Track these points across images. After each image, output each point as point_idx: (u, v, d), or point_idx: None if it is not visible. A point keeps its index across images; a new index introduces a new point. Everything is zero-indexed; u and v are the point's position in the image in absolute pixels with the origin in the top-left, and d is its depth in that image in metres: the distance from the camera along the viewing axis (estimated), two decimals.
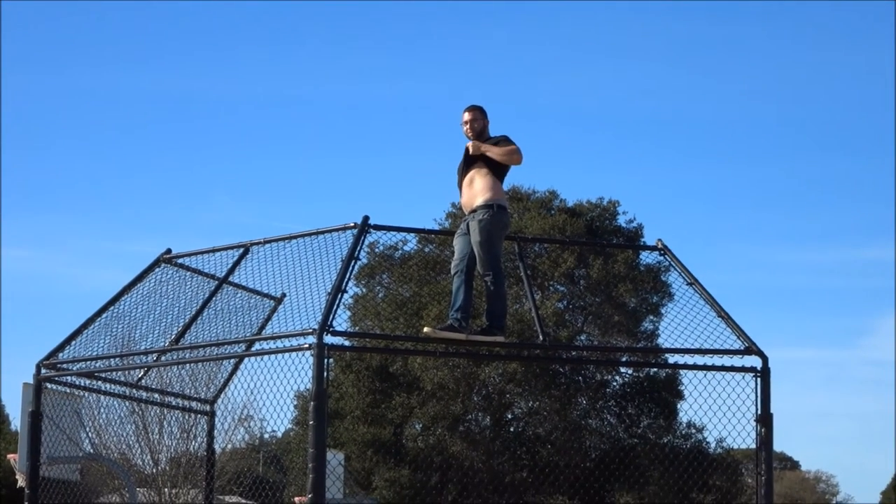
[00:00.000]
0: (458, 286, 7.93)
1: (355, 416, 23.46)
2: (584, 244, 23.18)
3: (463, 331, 7.82)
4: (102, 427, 14.90)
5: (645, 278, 23.72)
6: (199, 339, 8.94)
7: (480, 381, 23.65)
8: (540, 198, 26.00)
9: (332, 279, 7.95)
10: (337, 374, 23.33)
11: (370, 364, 23.37)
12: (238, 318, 9.47)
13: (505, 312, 8.04)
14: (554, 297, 24.12)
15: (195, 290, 9.42)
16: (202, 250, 9.37)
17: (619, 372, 24.26)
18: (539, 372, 23.05)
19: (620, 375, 24.54)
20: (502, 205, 8.02)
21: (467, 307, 7.90)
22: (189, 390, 12.31)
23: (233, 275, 9.09)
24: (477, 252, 7.85)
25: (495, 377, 23.58)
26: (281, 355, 7.81)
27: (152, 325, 9.29)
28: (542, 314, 20.55)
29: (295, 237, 8.68)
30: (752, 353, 8.23)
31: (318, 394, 7.37)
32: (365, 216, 8.32)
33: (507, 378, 23.41)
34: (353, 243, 8.12)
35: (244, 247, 9.04)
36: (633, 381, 24.49)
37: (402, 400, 23.27)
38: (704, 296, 8.69)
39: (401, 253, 19.48)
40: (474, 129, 8.16)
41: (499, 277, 7.89)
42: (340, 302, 7.74)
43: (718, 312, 8.53)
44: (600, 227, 25.48)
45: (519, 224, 23.57)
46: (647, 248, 9.83)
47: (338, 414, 23.21)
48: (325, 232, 8.49)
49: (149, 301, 9.40)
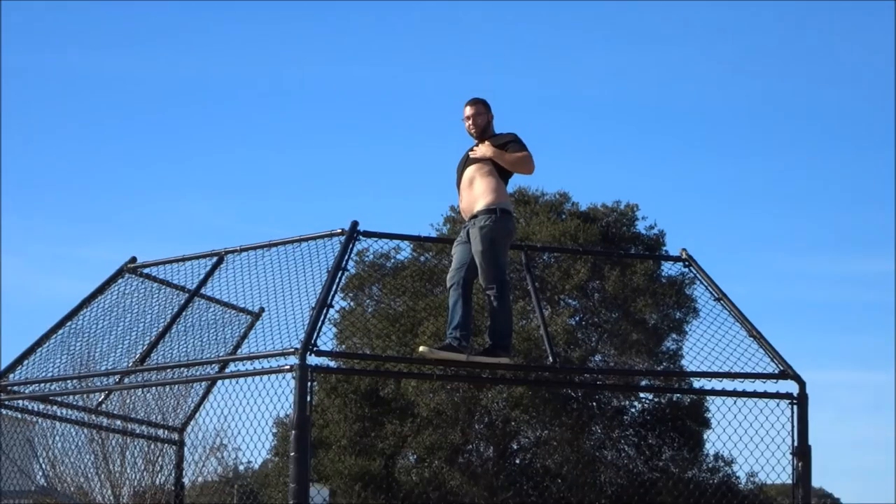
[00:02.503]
0: (455, 301, 7.93)
1: (342, 445, 23.44)
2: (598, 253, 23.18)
3: (463, 351, 7.83)
4: (58, 457, 14.85)
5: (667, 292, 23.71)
6: (167, 358, 8.95)
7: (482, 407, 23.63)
8: (549, 201, 26.02)
9: (316, 292, 7.96)
10: (321, 398, 23.32)
11: (359, 387, 23.36)
12: (211, 336, 9.47)
13: (510, 330, 8.05)
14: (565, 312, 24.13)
15: (163, 303, 9.43)
16: (171, 259, 9.40)
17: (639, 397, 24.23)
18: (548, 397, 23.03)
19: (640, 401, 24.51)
20: (507, 209, 8.04)
21: (467, 324, 7.90)
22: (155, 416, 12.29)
23: (205, 286, 9.11)
24: (478, 262, 7.86)
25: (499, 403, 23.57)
26: (259, 377, 7.82)
27: (114, 342, 9.30)
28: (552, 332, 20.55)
29: (275, 245, 8.70)
30: (787, 378, 8.25)
31: (300, 421, 7.38)
32: (353, 221, 8.36)
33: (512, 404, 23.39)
34: (340, 252, 8.14)
35: (218, 255, 9.06)
36: (654, 408, 24.48)
37: (394, 428, 23.25)
38: (734, 312, 8.71)
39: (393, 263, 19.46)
40: (477, 125, 8.17)
41: (503, 291, 7.90)
42: (326, 318, 7.76)
43: (750, 331, 8.54)
44: (617, 235, 25.49)
45: (525, 231, 23.58)
46: (670, 258, 9.87)
47: (322, 443, 23.18)
48: (309, 239, 8.52)
49: (111, 315, 9.41)
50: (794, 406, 8.18)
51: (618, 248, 24.18)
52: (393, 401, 23.49)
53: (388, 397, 23.46)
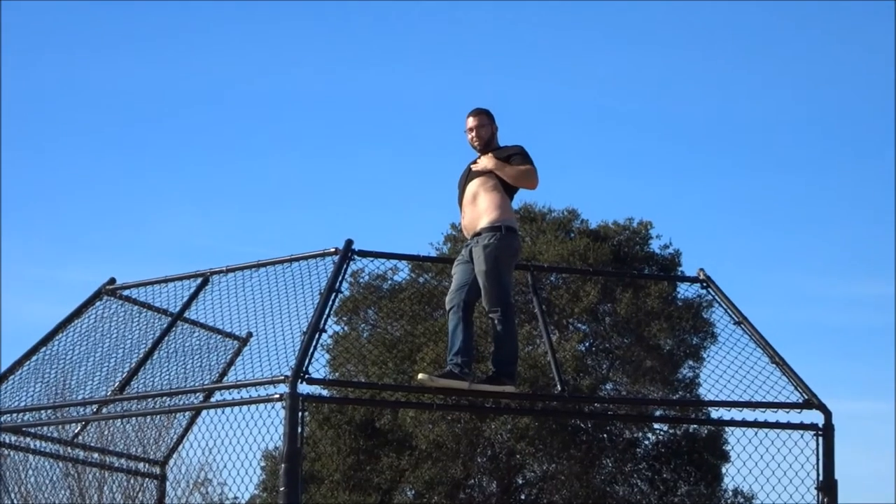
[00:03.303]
0: (455, 325, 7.91)
1: (334, 480, 23.39)
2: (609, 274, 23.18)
3: (464, 378, 7.81)
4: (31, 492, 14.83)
5: (683, 315, 23.69)
6: (149, 387, 8.94)
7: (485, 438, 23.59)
8: (557, 218, 26.04)
9: (308, 316, 7.96)
10: (313, 429, 23.28)
11: (353, 418, 23.32)
12: (195, 362, 9.47)
13: (515, 357, 8.04)
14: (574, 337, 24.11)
15: (144, 327, 9.43)
16: (152, 280, 9.40)
17: (652, 428, 24.21)
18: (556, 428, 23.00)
19: (654, 433, 24.48)
20: (512, 226, 8.04)
21: (468, 350, 7.88)
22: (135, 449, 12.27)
23: (189, 310, 9.11)
24: (482, 283, 7.85)
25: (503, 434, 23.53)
26: (246, 407, 7.81)
27: (92, 369, 9.29)
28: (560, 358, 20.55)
29: (264, 265, 8.70)
30: (812, 407, 8.23)
31: (290, 454, 7.36)
32: (348, 240, 8.36)
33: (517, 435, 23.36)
34: (333, 273, 8.14)
35: (203, 276, 9.07)
36: (669, 440, 24.44)
37: (391, 461, 23.21)
38: (755, 337, 8.70)
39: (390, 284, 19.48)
40: (481, 137, 8.18)
41: (508, 314, 7.89)
42: (318, 343, 7.75)
43: (772, 357, 8.54)
44: (629, 254, 25.50)
45: (532, 250, 23.59)
46: (687, 279, 9.89)
47: (314, 478, 23.14)
48: (301, 259, 8.53)
49: (88, 341, 9.40)
50: (820, 438, 8.16)
51: (630, 268, 24.18)
52: (390, 432, 23.45)
53: (385, 428, 23.42)
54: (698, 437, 23.84)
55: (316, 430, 23.53)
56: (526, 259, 19.62)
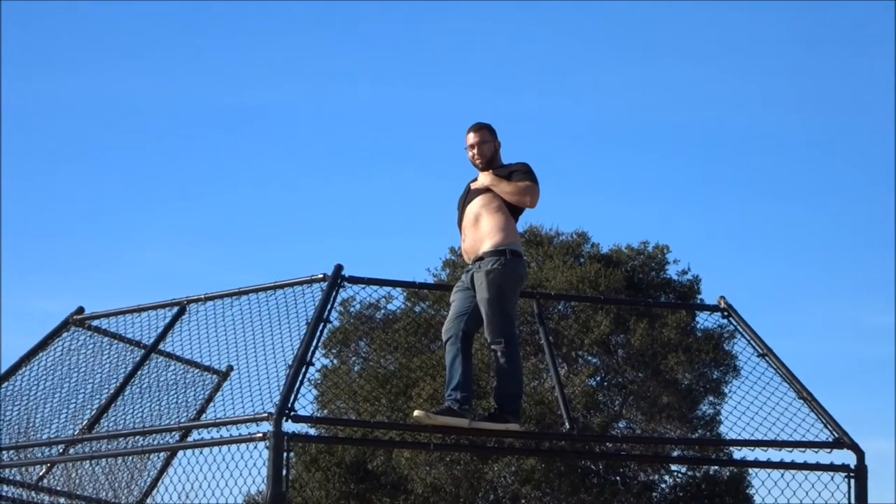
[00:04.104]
0: (453, 357, 7.90)
1: None
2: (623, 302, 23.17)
3: (464, 415, 7.80)
4: None
5: (703, 347, 23.69)
6: (120, 425, 8.93)
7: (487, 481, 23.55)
8: (565, 242, 26.06)
9: (294, 348, 7.96)
10: (299, 471, 23.23)
11: (343, 459, 23.28)
12: (171, 399, 9.46)
13: (520, 392, 8.03)
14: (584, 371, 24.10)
15: (114, 360, 9.43)
16: (124, 309, 9.41)
17: (670, 470, 24.17)
18: (564, 470, 22.95)
19: (671, 475, 24.45)
20: (517, 250, 8.04)
21: (468, 384, 7.87)
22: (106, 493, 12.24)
23: (164, 341, 9.11)
24: (484, 312, 7.85)
25: (507, 477, 23.48)
26: (226, 447, 7.80)
27: (58, 406, 9.28)
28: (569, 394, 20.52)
29: (246, 292, 8.71)
30: (843, 447, 8.22)
31: (274, 498, 7.35)
32: (337, 265, 8.37)
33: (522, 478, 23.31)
34: (321, 301, 8.14)
35: (179, 304, 9.08)
36: (688, 483, 24.39)
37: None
38: (781, 371, 8.70)
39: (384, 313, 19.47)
40: (483, 154, 8.19)
41: (512, 346, 7.88)
42: (305, 378, 7.74)
43: (799, 392, 8.53)
44: (644, 281, 25.52)
45: (538, 276, 23.60)
46: (706, 307, 9.88)
47: None
48: (286, 286, 8.53)
49: (54, 375, 9.40)
50: (852, 479, 8.15)
51: (645, 296, 24.19)
52: (383, 475, 23.40)
53: (378, 471, 23.38)
54: (719, 480, 23.80)
55: (302, 473, 23.48)
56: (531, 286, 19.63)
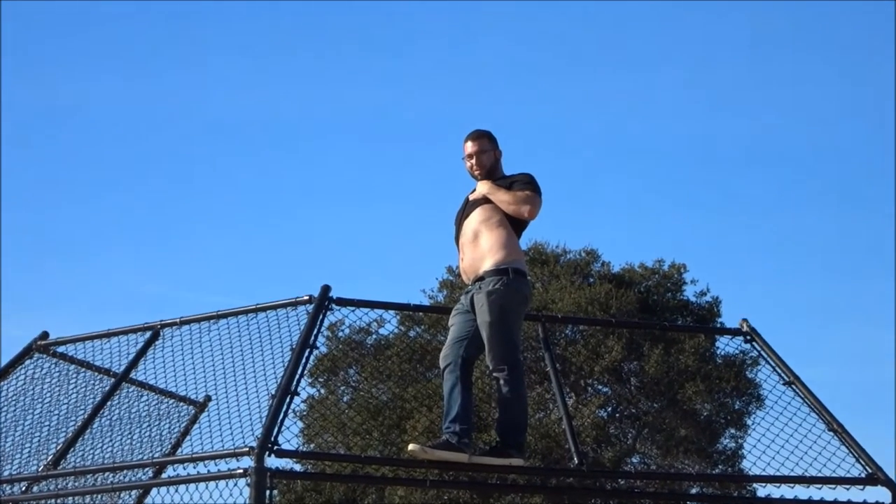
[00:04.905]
0: (452, 386, 7.88)
1: None
2: (636, 326, 23.17)
3: (464, 449, 7.78)
4: None
5: (723, 375, 23.67)
6: (88, 461, 8.90)
7: None
8: (573, 260, 26.06)
9: (277, 376, 7.93)
10: None
11: (331, 497, 23.25)
12: (143, 432, 9.43)
13: (524, 424, 8.01)
14: (594, 401, 24.06)
15: (82, 390, 9.40)
16: (93, 334, 9.39)
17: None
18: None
19: None
20: (521, 269, 8.02)
21: (467, 416, 7.86)
22: None
23: (136, 369, 9.08)
24: (485, 337, 7.83)
25: None
26: (204, 484, 7.77)
27: (21, 440, 9.25)
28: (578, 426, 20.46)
29: (225, 315, 8.69)
30: (877, 483, 8.22)
31: None
32: (324, 286, 8.34)
33: None
34: (307, 325, 8.12)
35: (152, 329, 9.06)
36: None
37: None
38: (809, 400, 8.69)
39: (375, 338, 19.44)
40: (482, 164, 8.18)
41: (516, 374, 7.87)
42: (289, 408, 7.72)
43: (829, 424, 8.52)
44: (659, 303, 25.50)
45: (544, 298, 23.58)
46: (727, 331, 9.85)
47: None
48: (269, 308, 8.51)
49: (16, 406, 9.37)
50: None
51: (660, 319, 24.17)
52: None
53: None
54: None
55: None
56: (536, 308, 19.60)
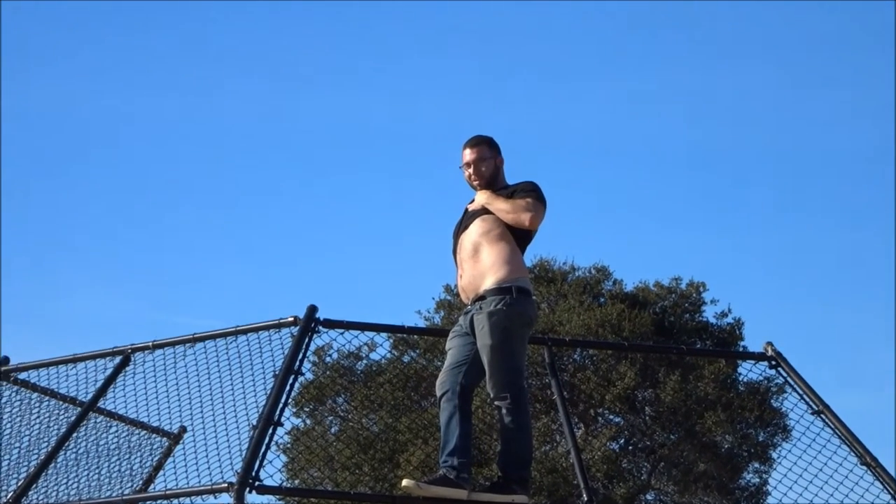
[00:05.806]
0: (450, 416, 7.88)
1: None
2: (650, 350, 23.20)
3: (462, 486, 7.79)
4: None
5: (746, 404, 23.68)
6: (52, 498, 8.90)
7: None
8: (582, 278, 26.06)
9: (259, 405, 7.94)
10: None
11: None
12: (113, 466, 9.43)
13: (529, 458, 8.02)
14: (605, 432, 24.06)
15: (46, 420, 9.40)
16: (57, 359, 9.39)
17: None
18: None
19: None
20: (525, 288, 8.03)
21: (466, 449, 7.86)
22: None
23: (105, 397, 9.08)
24: (486, 362, 7.84)
25: None
26: None
27: None
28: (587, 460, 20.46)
29: (202, 339, 8.70)
30: None
31: None
32: (311, 306, 8.34)
33: None
34: (292, 349, 8.13)
35: (122, 353, 9.06)
36: None
37: None
38: (840, 431, 8.70)
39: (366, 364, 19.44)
40: (481, 174, 8.16)
41: (519, 402, 7.87)
42: (272, 441, 7.72)
43: (862, 457, 8.54)
44: (676, 325, 25.50)
45: (550, 319, 23.58)
46: (750, 356, 9.86)
47: None
48: (250, 331, 8.51)
49: None
50: None
51: (677, 342, 24.18)
52: None
53: None
54: None
55: None
56: (542, 331, 19.59)
